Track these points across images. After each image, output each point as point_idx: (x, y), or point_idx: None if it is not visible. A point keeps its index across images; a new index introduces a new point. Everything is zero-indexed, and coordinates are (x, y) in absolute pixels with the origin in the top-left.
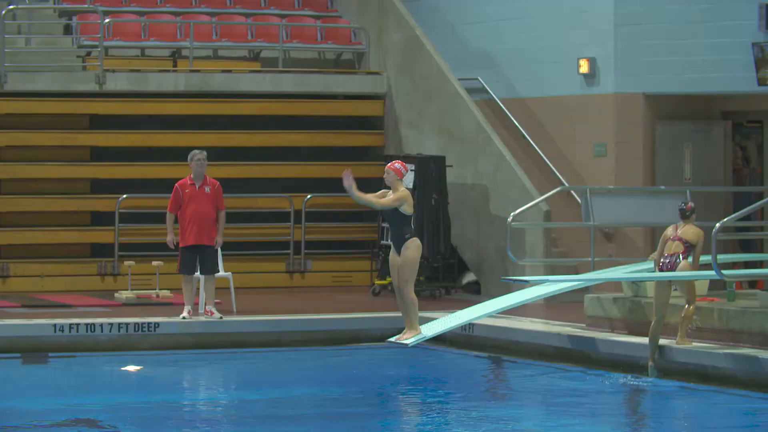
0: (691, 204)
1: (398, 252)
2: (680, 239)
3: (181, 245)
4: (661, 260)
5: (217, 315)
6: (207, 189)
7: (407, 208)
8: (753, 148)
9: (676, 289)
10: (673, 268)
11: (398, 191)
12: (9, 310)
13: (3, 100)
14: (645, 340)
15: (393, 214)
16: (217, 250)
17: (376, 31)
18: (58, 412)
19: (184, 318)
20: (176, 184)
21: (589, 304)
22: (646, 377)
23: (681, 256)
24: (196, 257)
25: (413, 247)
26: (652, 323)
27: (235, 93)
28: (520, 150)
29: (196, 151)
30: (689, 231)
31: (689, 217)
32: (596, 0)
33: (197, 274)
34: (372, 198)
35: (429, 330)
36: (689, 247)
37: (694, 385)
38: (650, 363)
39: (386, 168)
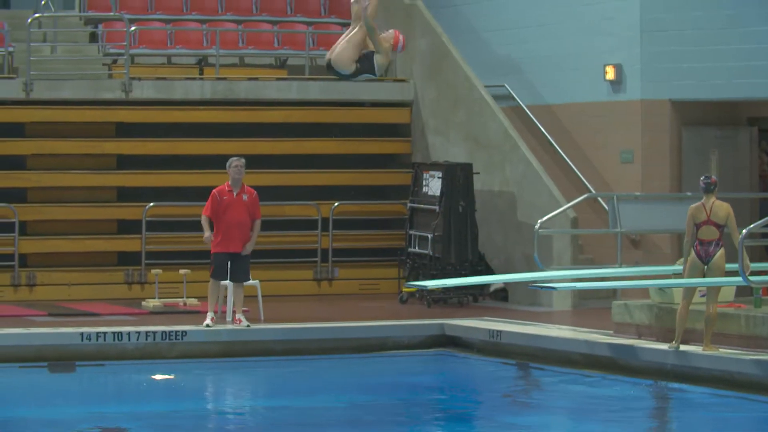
0: (714, 177)
1: None
2: (712, 222)
3: (214, 251)
4: (698, 246)
5: (244, 323)
6: (244, 197)
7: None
8: None
9: (703, 295)
10: (711, 256)
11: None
12: (36, 318)
13: (29, 109)
14: (669, 345)
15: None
16: (248, 258)
17: None
18: (85, 420)
19: (207, 325)
20: (214, 191)
21: (616, 310)
22: (673, 383)
23: (718, 244)
24: (227, 264)
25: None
26: (680, 305)
27: (262, 100)
28: (546, 157)
29: (234, 158)
30: (718, 211)
31: (713, 191)
32: (622, 6)
33: (224, 281)
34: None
35: None
36: (722, 229)
37: (721, 391)
38: (674, 344)
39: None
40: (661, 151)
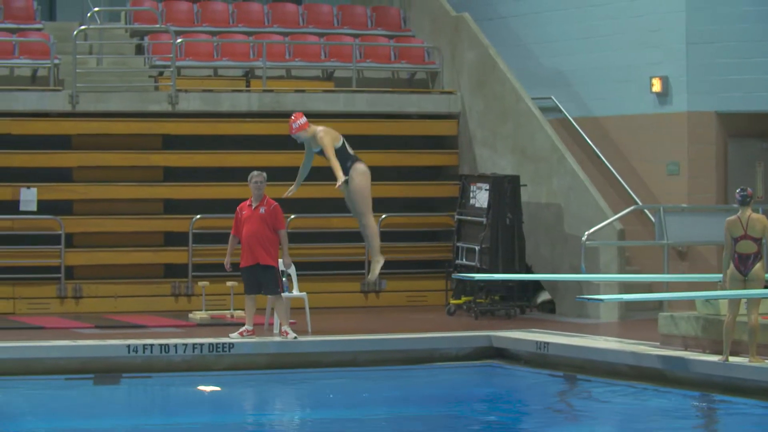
0: (750, 189)
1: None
2: (750, 237)
3: (240, 266)
4: (737, 260)
5: (291, 335)
6: (262, 210)
7: (335, 141)
8: None
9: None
10: (750, 269)
11: (319, 136)
12: (82, 331)
13: (75, 121)
14: (719, 357)
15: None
16: (276, 270)
17: (449, 50)
18: None
19: (230, 335)
20: (237, 207)
21: (662, 322)
22: (719, 395)
23: (757, 257)
24: (254, 277)
25: (358, 173)
26: (726, 318)
27: (309, 112)
28: (593, 169)
29: (255, 173)
30: (755, 225)
31: (749, 204)
32: (668, 19)
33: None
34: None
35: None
36: (760, 242)
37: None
38: (723, 358)
39: (294, 136)
40: (707, 163)
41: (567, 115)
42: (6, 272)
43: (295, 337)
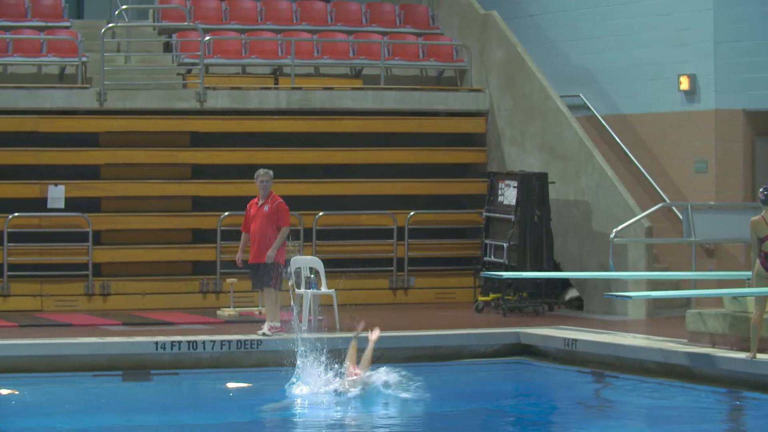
0: None
1: None
2: None
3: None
4: (764, 259)
5: (263, 331)
6: (266, 208)
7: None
8: None
9: None
10: None
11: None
12: (110, 327)
13: (103, 118)
14: (746, 354)
15: None
16: (269, 266)
17: (477, 48)
18: (159, 429)
19: (258, 332)
20: (247, 204)
21: (690, 319)
22: (747, 392)
23: None
24: (258, 274)
25: None
26: (753, 315)
27: (337, 110)
28: (621, 166)
29: (261, 171)
30: None
31: None
32: (696, 17)
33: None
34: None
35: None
36: None
37: None
38: (751, 355)
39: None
40: (734, 161)
41: (595, 112)
42: (34, 269)
43: (264, 334)
